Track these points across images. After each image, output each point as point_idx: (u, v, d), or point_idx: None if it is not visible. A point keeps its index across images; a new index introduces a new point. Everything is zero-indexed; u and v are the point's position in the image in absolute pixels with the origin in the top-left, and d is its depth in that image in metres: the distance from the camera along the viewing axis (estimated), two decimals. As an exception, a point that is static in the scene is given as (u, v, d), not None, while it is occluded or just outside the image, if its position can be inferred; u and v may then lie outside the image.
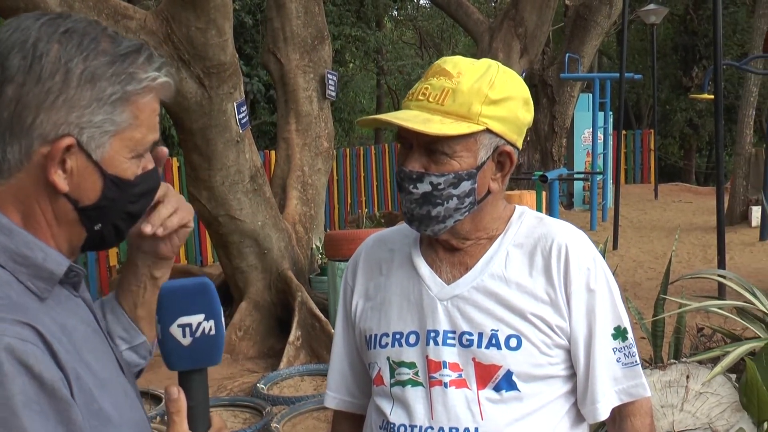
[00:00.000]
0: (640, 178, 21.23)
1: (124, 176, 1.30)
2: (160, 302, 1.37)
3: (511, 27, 13.11)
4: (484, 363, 1.70)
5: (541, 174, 10.68)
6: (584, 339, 1.73)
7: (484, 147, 1.68)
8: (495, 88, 1.66)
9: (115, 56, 1.27)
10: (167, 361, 1.38)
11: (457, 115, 1.64)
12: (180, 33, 6.64)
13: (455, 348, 1.72)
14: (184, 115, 6.97)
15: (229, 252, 7.75)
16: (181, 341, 1.35)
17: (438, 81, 1.66)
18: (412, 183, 1.67)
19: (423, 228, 1.73)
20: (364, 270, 1.92)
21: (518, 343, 1.69)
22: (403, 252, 1.86)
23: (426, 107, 1.65)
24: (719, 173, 7.29)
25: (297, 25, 9.16)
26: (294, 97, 9.21)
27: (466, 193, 1.68)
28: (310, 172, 9.19)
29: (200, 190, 7.41)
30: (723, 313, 4.91)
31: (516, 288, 1.72)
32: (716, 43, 6.77)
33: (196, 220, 12.35)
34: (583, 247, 1.76)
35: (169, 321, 1.36)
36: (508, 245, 1.77)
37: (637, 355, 1.80)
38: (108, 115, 1.25)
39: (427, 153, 1.66)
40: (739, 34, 24.33)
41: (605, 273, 1.77)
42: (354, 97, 24.69)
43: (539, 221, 1.82)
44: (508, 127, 1.69)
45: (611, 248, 11.59)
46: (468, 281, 1.75)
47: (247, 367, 7.33)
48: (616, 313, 1.77)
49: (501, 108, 1.67)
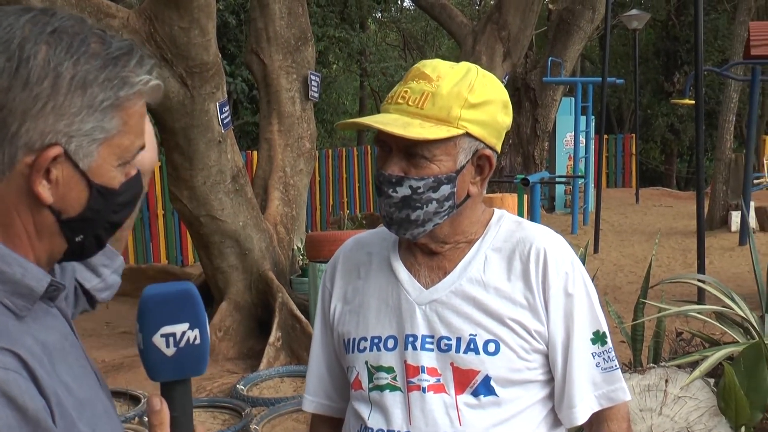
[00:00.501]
0: (621, 182, 21.33)
1: (110, 185, 1.22)
2: (142, 310, 1.30)
3: (495, 30, 13.12)
4: (462, 368, 1.70)
5: (523, 177, 10.69)
6: (562, 343, 1.73)
7: (464, 151, 1.68)
8: (474, 91, 1.66)
9: (107, 59, 1.19)
10: (150, 372, 1.31)
11: (437, 119, 1.63)
12: (163, 32, 6.61)
13: (433, 353, 1.72)
14: (166, 114, 6.95)
15: (210, 252, 7.72)
16: (164, 351, 1.29)
17: (417, 84, 1.66)
18: (391, 187, 1.67)
19: (402, 232, 1.72)
20: (342, 273, 1.91)
21: (496, 348, 1.69)
22: (381, 255, 1.86)
23: (405, 111, 1.64)
24: (699, 178, 7.32)
25: (280, 25, 9.15)
26: (277, 98, 9.19)
27: (445, 197, 1.68)
28: (292, 173, 9.17)
29: (181, 189, 7.38)
30: (702, 317, 4.93)
31: (494, 292, 1.72)
32: (697, 49, 6.80)
33: (177, 221, 12.31)
34: (562, 252, 1.76)
35: (152, 330, 1.29)
36: (486, 249, 1.77)
37: (616, 359, 1.79)
38: (98, 123, 1.18)
39: (407, 156, 1.65)
40: (720, 40, 24.48)
41: (583, 277, 1.77)
42: (337, 99, 24.66)
43: (518, 225, 1.81)
44: (487, 130, 1.69)
45: (592, 252, 11.63)
46: (446, 285, 1.75)
47: (226, 367, 7.30)
48: (595, 318, 1.77)
49: (480, 112, 1.67)
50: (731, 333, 4.80)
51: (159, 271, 10.50)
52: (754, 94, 11.57)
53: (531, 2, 13.07)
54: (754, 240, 5.65)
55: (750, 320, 4.69)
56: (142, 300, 1.30)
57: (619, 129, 27.97)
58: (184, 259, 12.89)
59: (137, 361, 7.24)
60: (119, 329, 8.64)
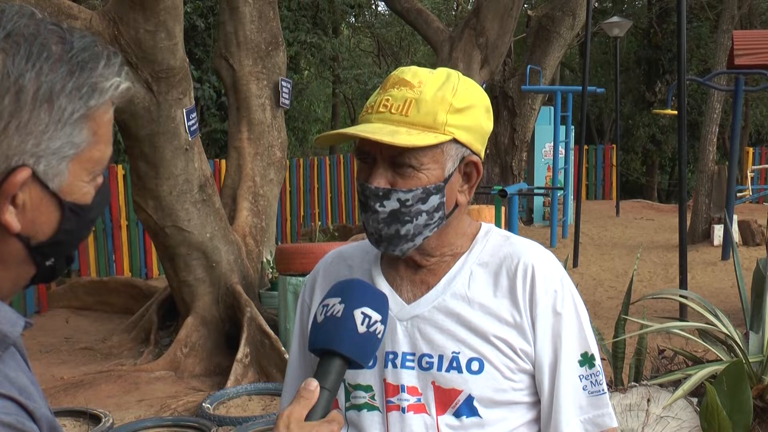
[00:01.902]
0: (601, 194, 21.43)
1: (83, 201, 1.14)
2: (352, 285, 1.56)
3: (472, 36, 13.17)
4: (444, 387, 1.68)
5: (501, 188, 10.72)
6: (549, 364, 1.71)
7: (451, 158, 1.66)
8: (458, 96, 1.65)
9: (73, 65, 1.09)
10: (330, 339, 1.48)
11: (423, 126, 1.61)
12: (128, 35, 6.58)
13: (414, 371, 1.70)
14: (130, 121, 6.91)
15: (176, 264, 7.68)
16: (357, 326, 1.49)
17: (399, 92, 1.64)
18: (378, 201, 1.64)
19: (391, 248, 1.69)
20: (322, 287, 1.88)
21: (480, 367, 1.67)
22: (362, 269, 1.84)
23: (389, 119, 1.62)
24: (682, 190, 7.37)
25: (250, 29, 9.14)
26: (246, 105, 9.17)
27: (435, 207, 1.66)
28: (261, 183, 9.15)
29: (146, 199, 7.34)
30: (685, 334, 4.96)
31: (479, 309, 1.70)
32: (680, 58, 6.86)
33: (141, 231, 12.23)
34: (551, 269, 1.75)
35: (356, 304, 1.51)
36: (472, 264, 1.75)
37: (604, 383, 1.77)
38: (68, 138, 1.09)
39: (393, 167, 1.63)
40: (703, 48, 24.72)
41: (573, 296, 1.75)
42: (309, 106, 24.67)
43: (506, 240, 1.80)
44: (473, 136, 1.68)
45: (571, 266, 11.67)
46: (429, 301, 1.73)
47: (192, 385, 7.25)
48: (584, 339, 1.74)
49: (466, 116, 1.66)
50: (714, 350, 4.84)
51: (122, 283, 10.42)
52: (738, 105, 11.68)
53: (510, 8, 13.13)
54: (737, 254, 5.69)
55: (734, 337, 4.72)
56: (352, 280, 1.62)
57: (599, 139, 28.15)
58: (148, 272, 12.80)
59: (98, 379, 7.20)
60: (79, 345, 8.56)
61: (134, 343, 8.40)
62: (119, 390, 7.02)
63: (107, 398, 6.83)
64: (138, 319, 8.72)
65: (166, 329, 8.46)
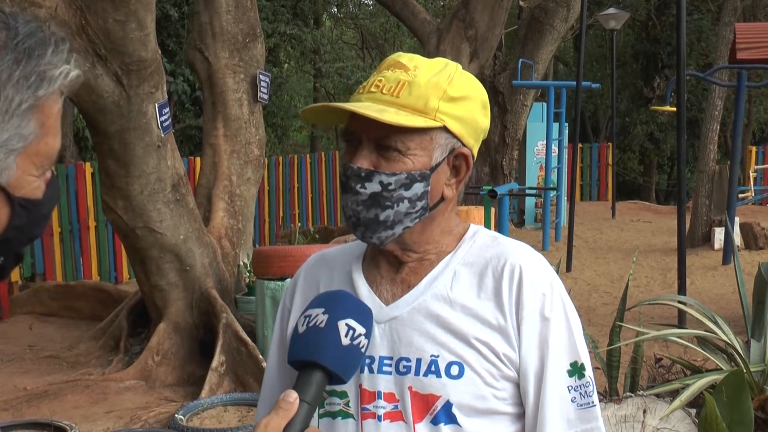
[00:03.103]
0: (596, 195, 21.52)
1: (34, 196, 1.13)
2: (337, 296, 1.60)
3: (461, 29, 13.20)
4: (422, 392, 1.68)
5: (490, 189, 10.75)
6: (535, 372, 1.70)
7: (440, 147, 1.67)
8: (454, 84, 1.67)
9: (19, 52, 1.07)
10: (314, 350, 1.50)
11: (413, 109, 1.63)
12: (96, 25, 6.55)
13: (392, 375, 1.70)
14: (99, 116, 6.89)
15: (147, 268, 7.66)
16: (341, 338, 1.51)
17: (393, 73, 1.67)
18: (359, 182, 1.65)
19: (369, 234, 1.70)
20: (302, 290, 1.89)
21: (460, 371, 1.67)
22: (343, 270, 1.84)
23: (379, 99, 1.64)
24: (681, 191, 7.40)
25: (227, 20, 9.13)
26: (222, 100, 9.16)
27: (418, 196, 1.67)
28: (238, 182, 9.14)
29: (116, 199, 7.32)
30: (683, 342, 4.98)
31: (461, 310, 1.70)
32: (680, 52, 6.89)
33: (111, 233, 12.20)
34: (540, 271, 1.74)
35: (340, 315, 1.53)
36: (456, 264, 1.75)
37: (595, 394, 1.75)
38: (16, 130, 1.07)
39: (378, 149, 1.65)
40: (704, 42, 24.79)
41: (563, 301, 1.74)
42: (289, 101, 24.63)
43: (493, 240, 1.80)
44: (465, 128, 1.69)
45: (564, 270, 11.70)
46: (408, 301, 1.73)
47: (164, 395, 7.24)
48: (573, 347, 1.73)
49: (459, 107, 1.67)
50: (714, 359, 4.86)
51: (90, 288, 10.39)
52: (740, 101, 11.74)
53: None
54: (738, 259, 5.72)
55: (734, 345, 4.74)
56: (337, 291, 1.65)
57: (594, 137, 28.21)
58: (118, 276, 12.77)
59: (64, 389, 7.17)
60: (44, 353, 8.53)
61: (103, 351, 8.37)
62: (86, 401, 7.00)
63: (73, 409, 6.81)
64: (107, 326, 8.70)
65: (137, 336, 8.44)
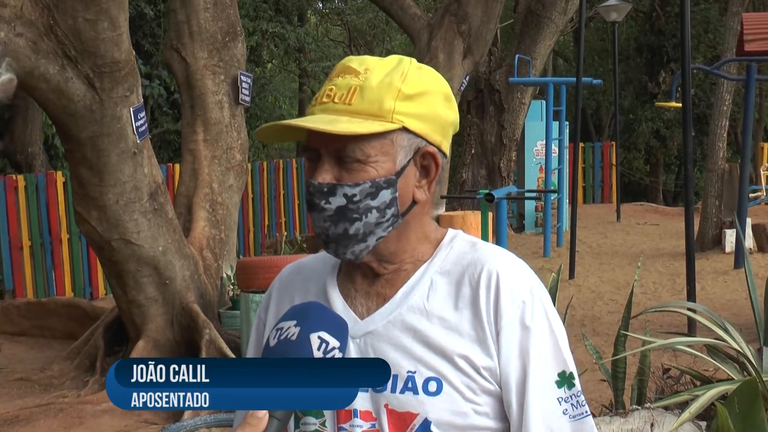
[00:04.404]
0: (600, 198, 21.54)
1: None
2: (308, 309, 1.59)
3: (453, 23, 13.22)
4: (399, 410, 1.68)
5: (487, 192, 10.74)
6: (517, 383, 1.69)
7: (403, 149, 1.67)
8: (408, 82, 1.67)
9: None
10: None
11: (368, 114, 1.63)
12: (65, 25, 6.55)
13: (368, 393, 1.70)
14: (70, 121, 6.88)
15: (124, 282, 7.65)
16: (313, 351, 1.52)
17: (343, 80, 1.67)
18: (323, 197, 1.66)
19: (342, 250, 1.70)
20: (276, 303, 1.89)
21: (438, 388, 1.67)
22: (319, 282, 1.84)
23: (332, 109, 1.64)
24: (689, 192, 7.43)
25: (205, 18, 9.13)
26: (201, 102, 9.17)
27: (386, 203, 1.67)
28: (220, 190, 9.14)
29: (90, 209, 7.31)
30: (692, 351, 4.99)
31: (438, 323, 1.70)
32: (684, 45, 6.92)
33: (85, 246, 12.18)
34: (519, 277, 1.74)
35: (313, 327, 1.54)
36: (433, 273, 1.75)
37: (586, 403, 1.75)
38: None
39: (339, 162, 1.65)
40: (711, 33, 24.86)
41: (545, 308, 1.73)
42: (273, 102, 24.62)
43: (471, 246, 1.79)
44: (428, 125, 1.69)
45: (567, 277, 11.72)
46: (384, 315, 1.73)
47: (144, 417, 7.23)
48: (560, 356, 1.72)
49: (417, 104, 1.67)
50: (725, 369, 4.87)
51: (63, 305, 10.36)
52: (750, 96, 11.77)
53: (495, -9, 13.19)
54: (750, 262, 5.74)
55: (746, 354, 4.76)
56: (310, 303, 1.65)
57: (597, 136, 28.27)
58: (93, 291, 12.75)
59: (36, 413, 7.15)
60: (14, 375, 8.51)
61: (78, 372, 8.36)
62: (60, 425, 6.99)
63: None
64: (82, 345, 8.68)
65: (114, 355, 8.42)
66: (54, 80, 6.48)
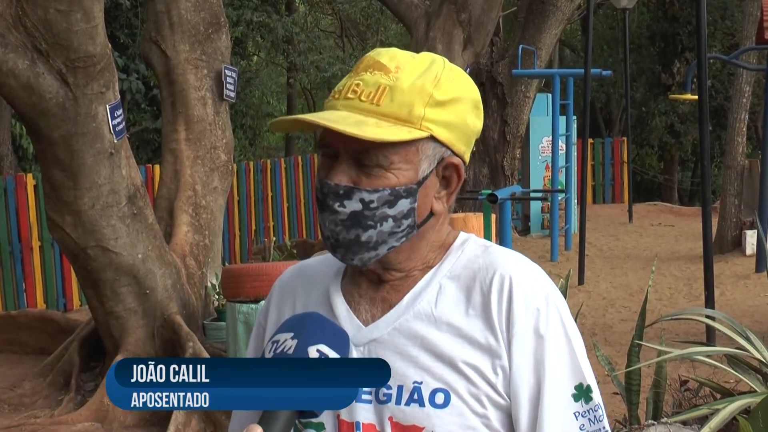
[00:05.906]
0: (610, 197, 21.57)
1: None
2: (308, 320, 1.62)
3: (453, 12, 13.21)
4: (404, 423, 1.69)
5: (490, 193, 10.76)
6: (529, 397, 1.69)
7: (427, 158, 1.67)
8: (441, 87, 1.66)
9: None
10: None
11: (396, 118, 1.63)
12: (35, 16, 6.54)
13: (371, 405, 1.71)
14: (41, 120, 6.86)
15: (101, 293, 7.64)
16: None
17: (372, 76, 1.65)
18: (338, 200, 1.65)
19: (350, 256, 1.70)
20: (277, 307, 1.89)
21: (446, 400, 1.67)
22: (322, 286, 1.84)
23: (357, 107, 1.63)
24: (705, 190, 7.43)
25: (186, 8, 9.13)
26: (183, 99, 9.16)
27: (404, 213, 1.67)
28: (203, 192, 9.13)
29: (63, 214, 7.30)
30: (711, 362, 5.00)
31: (447, 330, 1.70)
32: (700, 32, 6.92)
33: (58, 254, 12.16)
34: (533, 282, 1.73)
35: (311, 340, 1.57)
36: (441, 278, 1.75)
37: (605, 418, 1.74)
38: None
39: (357, 164, 1.65)
40: (729, 20, 24.88)
41: (562, 316, 1.73)
42: (260, 98, 24.64)
43: (484, 250, 1.79)
44: (455, 134, 1.69)
45: (576, 283, 11.72)
46: (389, 322, 1.73)
47: (123, 438, 7.24)
48: (577, 368, 1.72)
49: (448, 111, 1.67)
50: (747, 380, 4.87)
51: (35, 318, 10.33)
52: (770, 87, 11.78)
53: (496, -23, 13.19)
54: (772, 265, 5.75)
55: (769, 364, 4.76)
56: (307, 313, 1.68)
57: (607, 131, 28.30)
58: (67, 303, 12.72)
59: None
60: (-14, 393, 8.50)
61: (51, 390, 8.34)
62: (34, 446, 6.98)
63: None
64: (55, 361, 8.66)
65: (91, 372, 8.41)
66: (23, 76, 6.47)
